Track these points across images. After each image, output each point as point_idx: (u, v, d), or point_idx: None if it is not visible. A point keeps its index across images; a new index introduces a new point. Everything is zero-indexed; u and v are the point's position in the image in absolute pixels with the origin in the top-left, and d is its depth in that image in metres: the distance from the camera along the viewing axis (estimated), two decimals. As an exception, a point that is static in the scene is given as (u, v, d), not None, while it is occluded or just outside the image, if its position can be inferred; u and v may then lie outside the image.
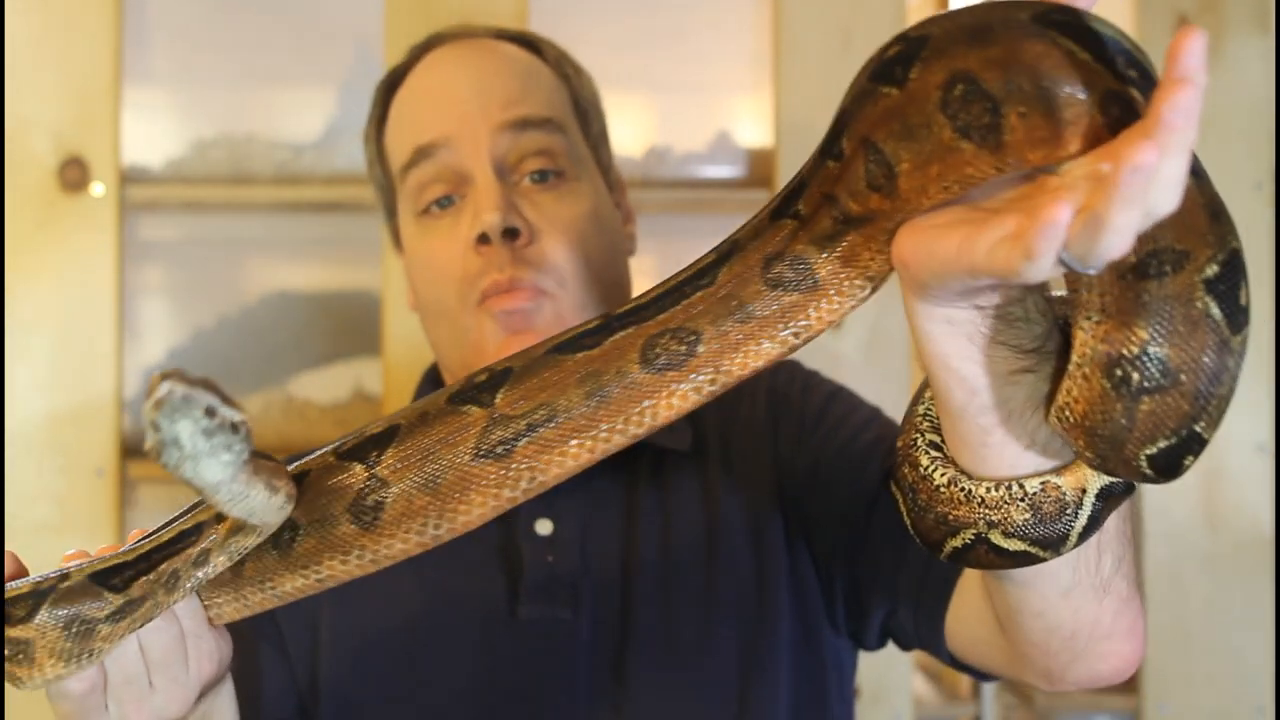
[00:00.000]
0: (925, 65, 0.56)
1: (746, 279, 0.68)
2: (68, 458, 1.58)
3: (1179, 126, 0.49)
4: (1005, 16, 0.55)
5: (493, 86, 1.01)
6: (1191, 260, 0.57)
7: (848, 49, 1.66)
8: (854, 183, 0.62)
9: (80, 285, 1.59)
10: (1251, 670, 1.69)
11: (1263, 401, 1.71)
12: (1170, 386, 0.58)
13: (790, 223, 0.67)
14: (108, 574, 0.73)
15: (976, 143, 0.55)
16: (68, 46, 1.59)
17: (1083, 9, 0.55)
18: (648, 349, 0.69)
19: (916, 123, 0.57)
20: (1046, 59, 0.53)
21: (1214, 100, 1.71)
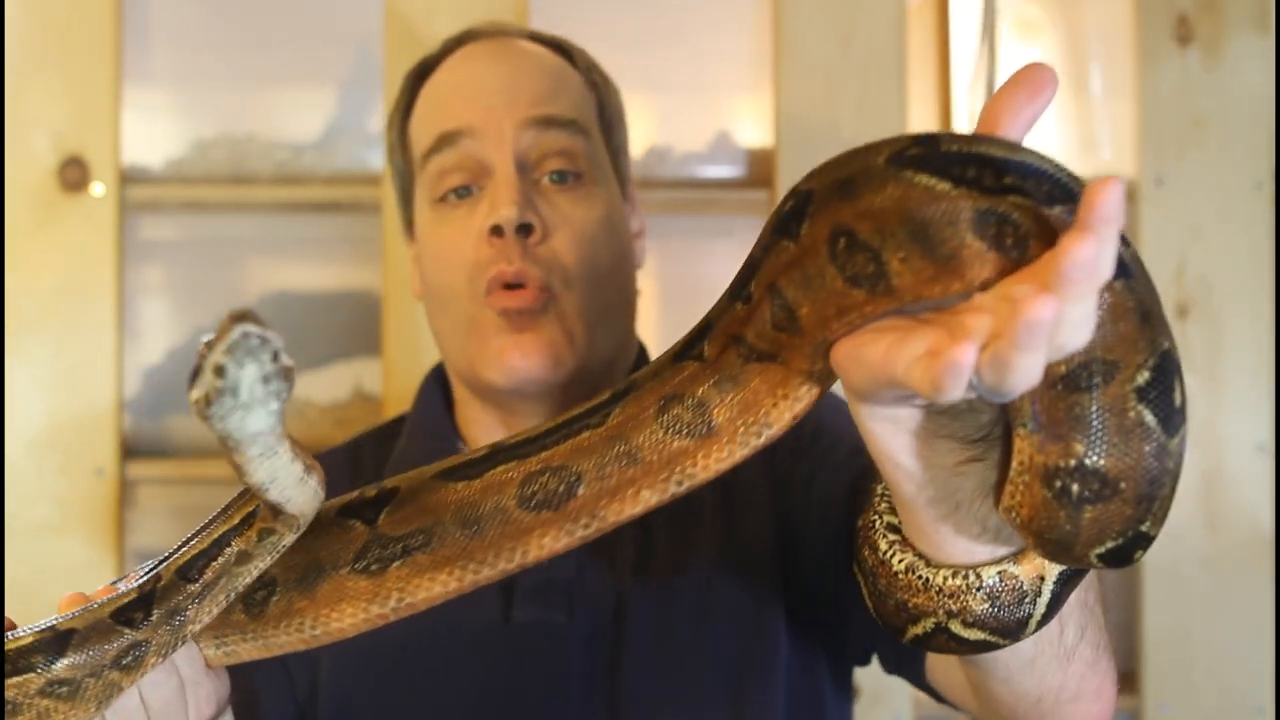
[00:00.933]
0: (812, 220, 0.58)
1: (640, 421, 0.68)
2: (68, 458, 1.58)
3: (1079, 280, 0.49)
4: (865, 165, 0.56)
5: (522, 83, 1.01)
6: (1122, 369, 0.57)
7: (848, 49, 1.66)
8: (760, 324, 0.63)
9: (80, 285, 1.59)
10: (1251, 670, 1.69)
11: (1263, 401, 1.71)
12: (1111, 495, 0.58)
13: (693, 364, 0.67)
14: (127, 608, 0.72)
15: (867, 290, 0.56)
16: (68, 46, 1.59)
17: (943, 132, 0.55)
18: (526, 485, 0.69)
19: (812, 273, 0.58)
20: (907, 201, 0.54)
21: (1214, 100, 1.71)
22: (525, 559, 0.70)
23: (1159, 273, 1.71)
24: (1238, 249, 1.71)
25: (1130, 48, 1.73)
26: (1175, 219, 1.72)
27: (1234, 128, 1.71)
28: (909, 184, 0.54)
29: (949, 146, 0.54)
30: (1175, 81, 1.71)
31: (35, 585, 1.56)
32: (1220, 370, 1.71)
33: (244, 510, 0.70)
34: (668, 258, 1.72)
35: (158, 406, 1.69)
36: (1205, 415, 1.71)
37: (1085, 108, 1.87)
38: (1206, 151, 1.71)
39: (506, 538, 0.69)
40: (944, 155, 0.54)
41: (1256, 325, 1.71)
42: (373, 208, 1.65)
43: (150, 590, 0.69)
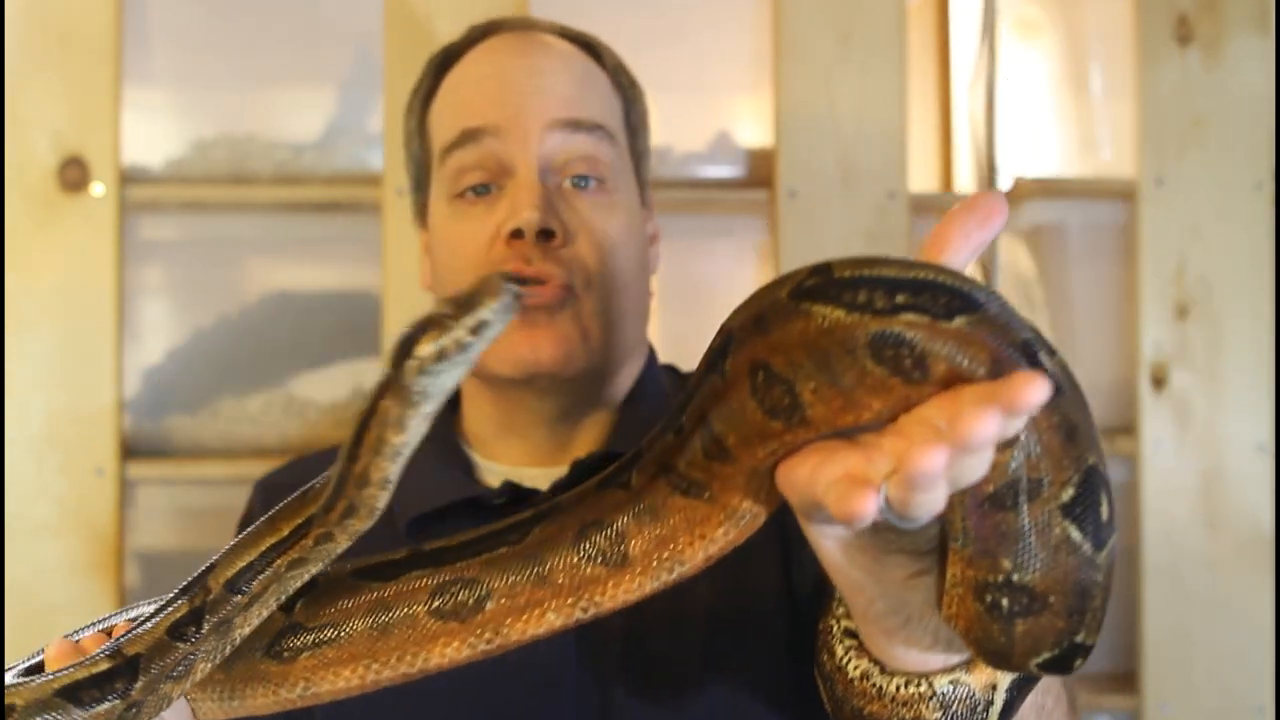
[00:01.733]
0: (734, 356, 0.60)
1: (557, 543, 0.69)
2: (68, 458, 1.58)
3: (977, 446, 0.50)
4: (773, 299, 0.58)
5: (550, 83, 1.00)
6: (1047, 488, 0.57)
7: (848, 49, 1.66)
8: (692, 454, 0.64)
9: (80, 285, 1.59)
10: (1251, 670, 1.69)
11: (1263, 401, 1.71)
12: (1041, 609, 0.59)
13: (619, 493, 0.68)
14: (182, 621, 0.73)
15: (784, 421, 0.58)
16: (68, 46, 1.59)
17: (840, 260, 0.56)
18: (438, 594, 0.71)
19: (735, 406, 0.60)
20: (808, 332, 0.55)
21: (1214, 100, 1.71)
22: (426, 665, 0.71)
23: (1159, 273, 1.72)
24: (1238, 249, 1.71)
25: (1130, 48, 1.73)
26: (1175, 219, 1.71)
27: (1234, 128, 1.71)
28: (808, 315, 0.55)
29: (841, 273, 0.55)
30: (1175, 81, 1.71)
31: (35, 585, 1.56)
32: (1220, 370, 1.71)
33: (293, 522, 0.71)
34: (667, 258, 1.71)
35: (158, 406, 1.69)
36: (1205, 415, 1.71)
37: (1085, 108, 1.87)
38: (1206, 151, 1.71)
39: (411, 642, 0.71)
40: (837, 282, 0.55)
41: (1256, 325, 1.71)
42: (373, 208, 1.65)
43: (200, 605, 0.70)
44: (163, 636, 0.69)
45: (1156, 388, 1.72)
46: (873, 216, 1.65)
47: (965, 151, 1.89)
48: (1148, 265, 1.72)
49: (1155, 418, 1.71)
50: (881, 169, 1.65)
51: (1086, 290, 1.82)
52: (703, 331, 2.03)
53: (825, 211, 1.65)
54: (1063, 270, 1.83)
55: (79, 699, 0.67)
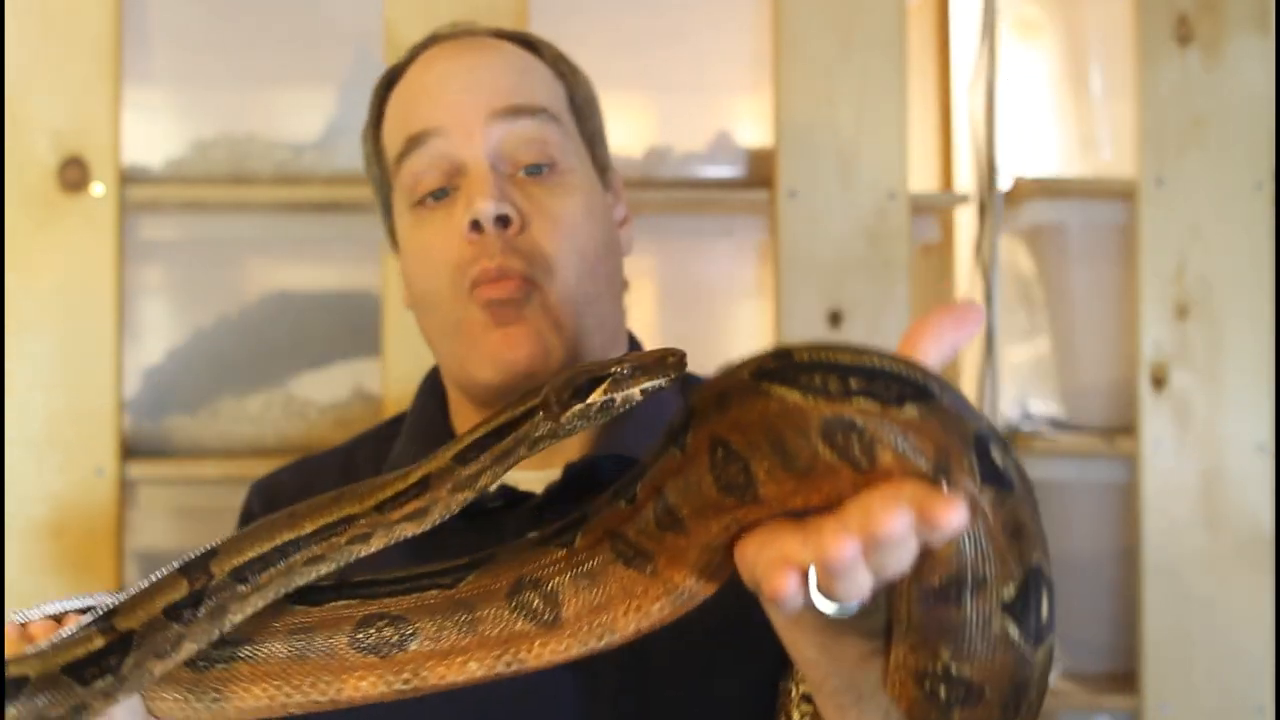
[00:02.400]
0: (695, 432, 0.61)
1: (490, 593, 0.69)
2: (68, 458, 1.58)
3: (883, 541, 0.53)
4: (736, 379, 0.59)
5: (487, 78, 1.01)
6: (988, 585, 0.58)
7: (848, 49, 1.66)
8: (644, 523, 0.65)
9: (80, 285, 1.59)
10: (1251, 670, 1.69)
11: (1263, 401, 1.71)
12: (977, 701, 0.60)
13: (560, 551, 0.69)
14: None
15: (738, 498, 0.59)
16: (68, 46, 1.59)
17: (801, 344, 0.58)
18: (363, 626, 0.70)
19: (693, 480, 0.61)
20: (766, 413, 0.57)
21: (1214, 100, 1.71)
22: (339, 696, 0.71)
23: (1159, 273, 1.72)
24: (1238, 249, 1.71)
25: (1130, 48, 1.73)
26: (1175, 219, 1.71)
27: (1234, 128, 1.71)
28: (767, 396, 0.57)
29: (801, 357, 0.57)
30: (1175, 81, 1.71)
31: (35, 585, 1.56)
32: (1220, 370, 1.71)
33: (321, 520, 0.71)
34: (668, 258, 1.72)
35: (158, 406, 1.69)
36: (1205, 415, 1.71)
37: (1085, 108, 1.87)
38: (1206, 151, 1.71)
39: (326, 670, 0.71)
40: (796, 365, 0.57)
41: (1256, 325, 1.71)
42: (373, 208, 1.64)
43: (201, 589, 0.70)
44: (159, 615, 0.69)
45: (1156, 388, 1.72)
46: (873, 216, 1.65)
47: (965, 151, 1.89)
48: (1148, 265, 1.72)
49: (1155, 418, 1.71)
50: (881, 169, 1.65)
51: (1086, 290, 1.82)
52: (703, 332, 2.03)
53: (825, 211, 1.65)
54: (1063, 270, 1.83)
55: (83, 677, 0.66)
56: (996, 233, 1.81)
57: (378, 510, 0.70)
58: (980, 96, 1.83)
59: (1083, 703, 1.72)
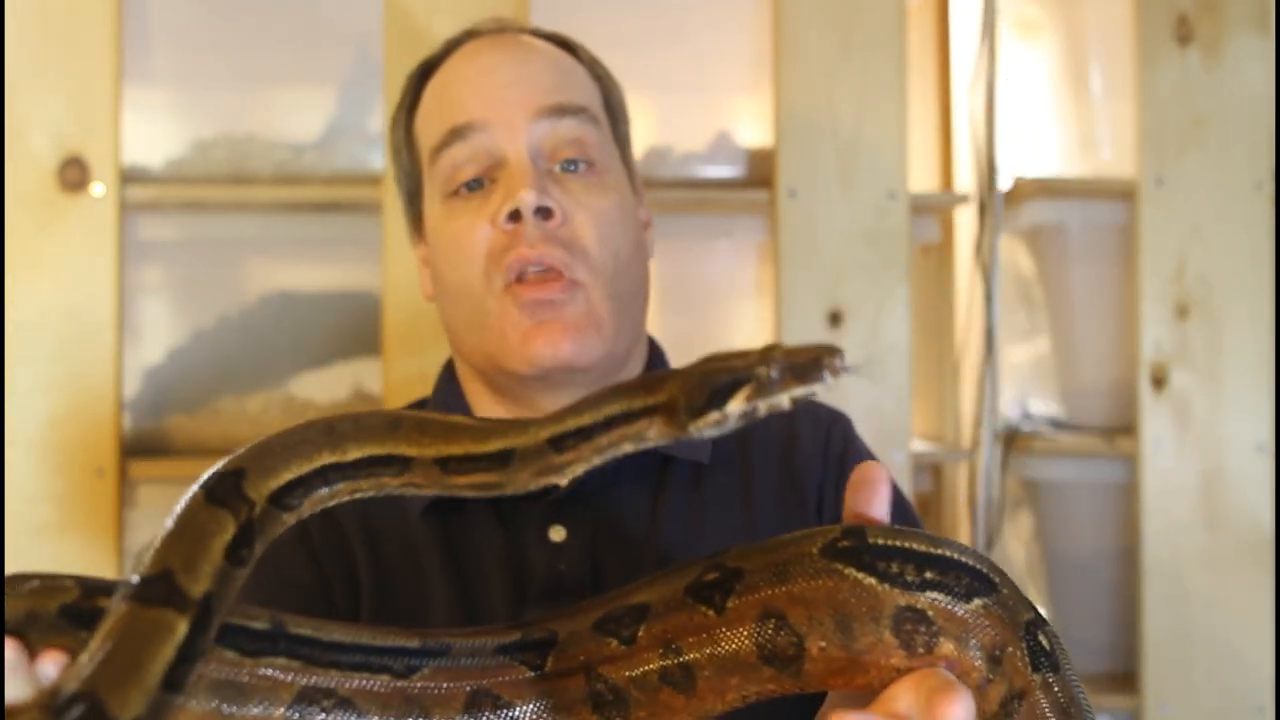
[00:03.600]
0: (741, 597, 0.60)
1: (445, 702, 0.63)
2: (68, 458, 1.58)
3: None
4: (800, 552, 0.59)
5: (530, 75, 1.01)
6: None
7: (848, 49, 1.66)
8: (644, 673, 0.62)
9: (80, 285, 1.59)
10: (1251, 670, 1.69)
11: (1263, 401, 1.71)
12: None
13: (524, 671, 0.63)
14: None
15: (777, 669, 0.59)
16: (68, 46, 1.59)
17: (869, 525, 0.59)
18: (304, 700, 0.62)
19: (725, 644, 0.60)
20: (837, 593, 0.57)
21: (1214, 100, 1.71)
22: None
23: (1159, 273, 1.72)
24: (1238, 249, 1.71)
25: (1130, 48, 1.73)
26: (1175, 219, 1.71)
27: (1234, 128, 1.71)
28: (840, 576, 0.58)
29: (875, 540, 0.58)
30: (1175, 81, 1.71)
31: (35, 585, 1.56)
32: (1220, 370, 1.71)
33: (367, 449, 0.64)
34: (668, 258, 1.72)
35: (158, 406, 1.69)
36: (1205, 415, 1.71)
37: (1085, 108, 1.87)
38: (1206, 151, 1.71)
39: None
40: (871, 549, 0.58)
41: (1256, 325, 1.71)
42: (373, 208, 1.65)
43: (248, 521, 0.60)
44: (224, 563, 0.59)
45: (1156, 388, 1.72)
46: (873, 216, 1.65)
47: (965, 151, 1.89)
48: (1148, 265, 1.72)
49: (1155, 418, 1.71)
50: (881, 169, 1.65)
51: (1086, 290, 1.82)
52: (703, 331, 2.03)
53: (825, 211, 1.65)
54: (1063, 270, 1.83)
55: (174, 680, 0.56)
56: (996, 233, 1.81)
57: (439, 466, 0.63)
58: (980, 96, 1.83)
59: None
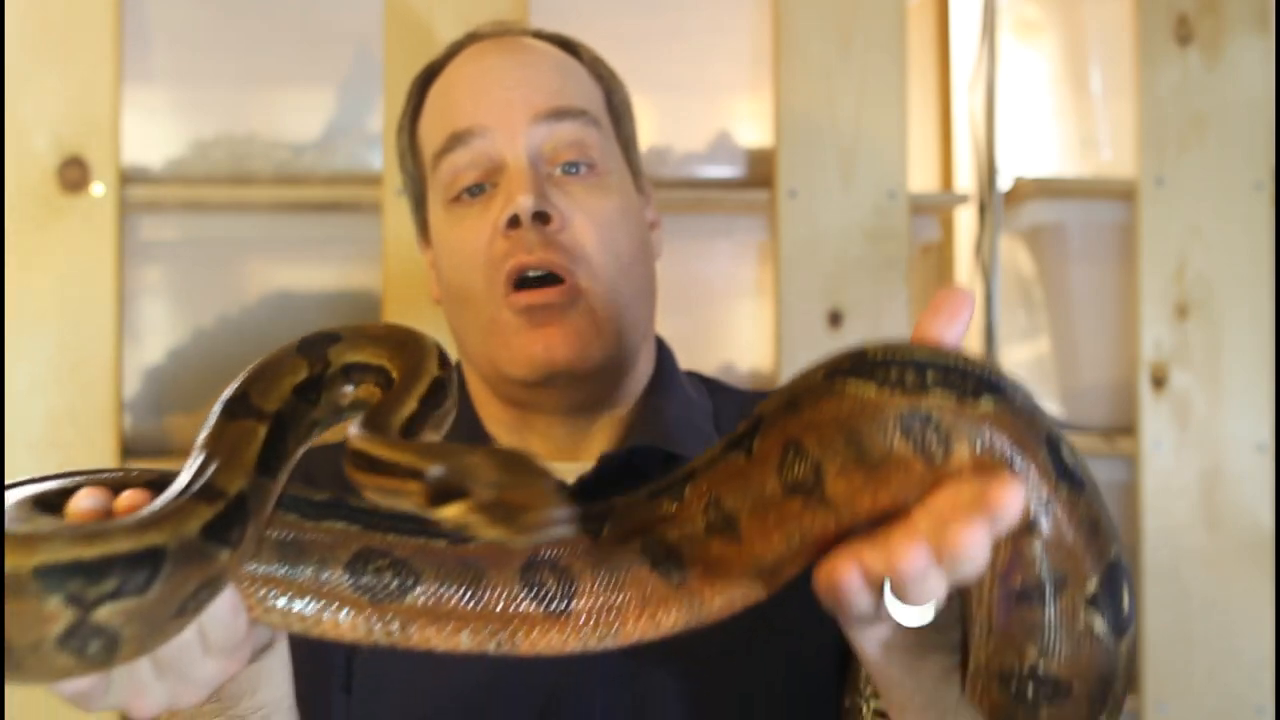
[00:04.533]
0: (764, 437, 0.61)
1: (502, 562, 0.64)
2: (68, 458, 1.58)
3: (969, 556, 0.54)
4: (808, 382, 0.60)
5: (530, 77, 1.01)
6: (1071, 581, 0.60)
7: (848, 49, 1.66)
8: (692, 528, 0.63)
9: (80, 285, 1.59)
10: (1251, 670, 1.69)
11: (1263, 401, 1.71)
12: (1065, 697, 0.61)
13: (584, 539, 0.65)
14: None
15: (803, 499, 0.59)
16: (68, 46, 1.59)
17: (876, 344, 0.59)
18: (361, 560, 0.64)
19: (755, 484, 0.61)
20: (840, 410, 0.58)
21: (1214, 100, 1.71)
22: (314, 629, 0.64)
23: (1159, 273, 1.71)
24: (1238, 249, 1.71)
25: (1130, 48, 1.73)
26: (1175, 219, 1.71)
27: (1234, 128, 1.71)
28: (842, 394, 0.58)
29: (875, 355, 0.58)
30: (1175, 81, 1.71)
31: (35, 585, 1.56)
32: (1220, 370, 1.71)
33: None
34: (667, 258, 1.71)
35: (158, 406, 1.69)
36: (1205, 415, 1.71)
37: (1085, 108, 1.87)
38: (1206, 151, 1.71)
39: (315, 595, 0.64)
40: (871, 362, 0.58)
41: (1256, 325, 1.71)
42: (373, 208, 1.65)
43: (320, 374, 0.62)
44: (290, 396, 0.60)
45: (1156, 388, 1.72)
46: (873, 216, 1.65)
47: (965, 151, 1.89)
48: (1148, 265, 1.72)
49: (1155, 418, 1.71)
50: (881, 169, 1.65)
51: (1086, 290, 1.82)
52: (703, 331, 2.02)
53: (825, 211, 1.65)
54: (1063, 270, 1.83)
55: (221, 530, 0.57)
56: (996, 233, 1.81)
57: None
58: (980, 96, 1.83)
59: (1083, 703, 1.72)
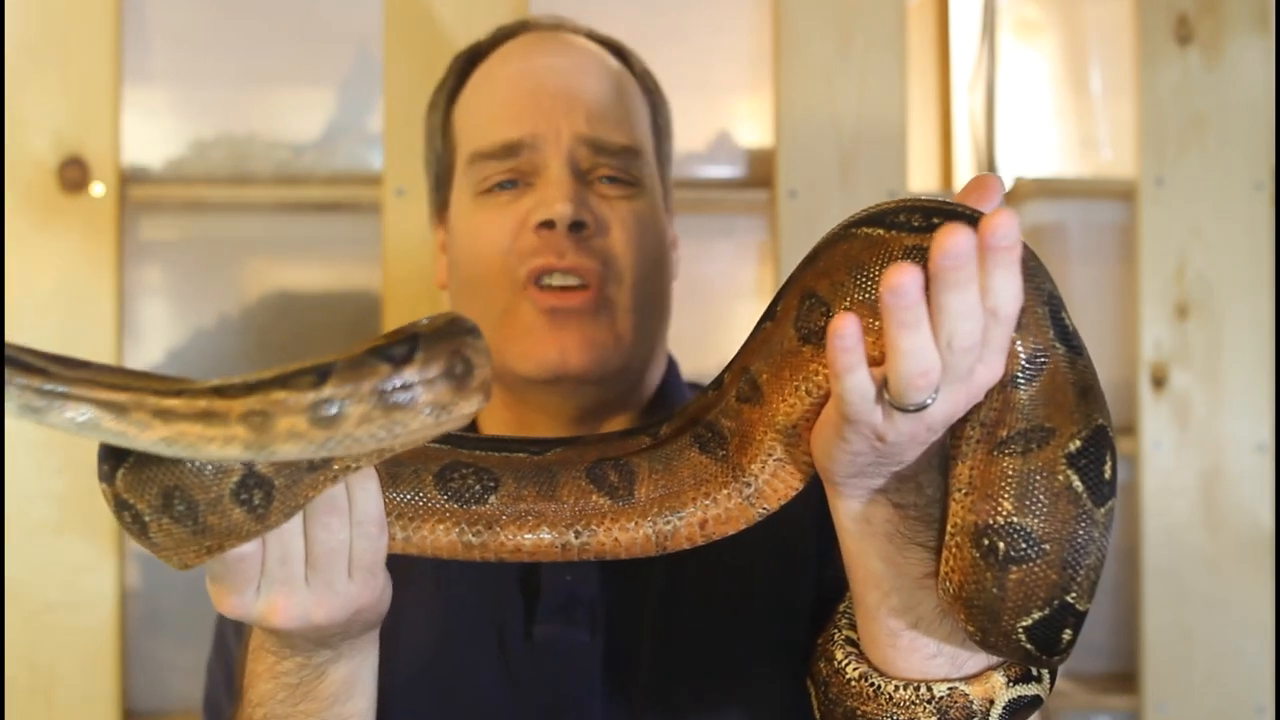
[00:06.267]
0: (786, 296, 0.65)
1: (573, 465, 0.71)
2: (68, 458, 1.58)
3: (952, 267, 0.55)
4: (828, 236, 0.63)
5: (582, 88, 0.99)
6: (1056, 436, 0.60)
7: (848, 49, 1.66)
8: (727, 402, 0.68)
9: (80, 285, 1.59)
10: (1251, 670, 1.69)
11: (1263, 401, 1.71)
12: (1036, 557, 0.61)
13: (644, 439, 0.72)
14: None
15: (815, 345, 0.62)
16: (68, 46, 1.59)
17: (882, 204, 0.61)
18: (450, 471, 0.70)
19: (775, 340, 0.64)
20: (850, 251, 0.60)
21: (1214, 100, 1.71)
22: (412, 536, 0.70)
23: (1159, 272, 1.72)
24: (1238, 249, 1.71)
25: (1130, 48, 1.73)
26: (1175, 219, 1.71)
27: (1234, 128, 1.71)
28: (853, 237, 0.61)
29: (887, 206, 0.61)
30: (1175, 81, 1.71)
31: (35, 585, 1.56)
32: (1220, 370, 1.71)
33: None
34: (668, 258, 1.72)
35: (158, 406, 1.68)
36: (1205, 415, 1.71)
37: (1085, 108, 1.87)
38: (1206, 151, 1.71)
39: (409, 507, 0.70)
40: (882, 211, 0.61)
41: (1256, 325, 1.71)
42: (373, 208, 1.65)
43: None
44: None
45: (1156, 388, 1.72)
46: (873, 216, 1.65)
47: (965, 151, 1.89)
48: (1148, 265, 1.72)
49: (1155, 418, 1.71)
50: (881, 169, 1.65)
51: (1086, 290, 1.82)
52: (703, 332, 2.02)
53: (825, 211, 1.65)
54: (1063, 270, 1.83)
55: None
56: (996, 233, 1.81)
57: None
58: (980, 96, 1.83)
59: (1083, 703, 1.72)
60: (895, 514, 0.65)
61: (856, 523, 0.66)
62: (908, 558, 0.66)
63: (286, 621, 0.68)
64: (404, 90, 1.57)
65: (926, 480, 0.65)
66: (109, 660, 1.56)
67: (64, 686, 1.56)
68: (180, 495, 0.62)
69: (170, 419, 0.59)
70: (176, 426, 0.59)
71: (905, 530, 0.66)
